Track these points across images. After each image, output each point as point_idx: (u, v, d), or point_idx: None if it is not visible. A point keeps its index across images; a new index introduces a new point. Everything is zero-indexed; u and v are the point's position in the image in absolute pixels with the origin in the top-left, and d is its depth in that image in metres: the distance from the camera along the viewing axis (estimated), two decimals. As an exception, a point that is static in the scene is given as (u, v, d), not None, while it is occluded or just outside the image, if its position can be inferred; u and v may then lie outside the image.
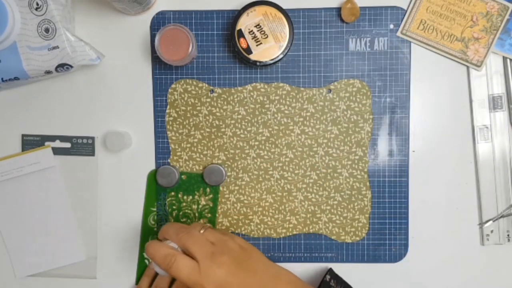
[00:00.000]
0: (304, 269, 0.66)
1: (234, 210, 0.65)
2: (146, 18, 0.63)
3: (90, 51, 0.59)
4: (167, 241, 0.54)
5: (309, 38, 0.63)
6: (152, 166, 0.65)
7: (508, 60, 0.63)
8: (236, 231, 0.65)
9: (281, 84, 0.64)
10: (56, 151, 0.65)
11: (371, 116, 0.64)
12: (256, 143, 0.64)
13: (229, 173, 0.65)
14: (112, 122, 0.65)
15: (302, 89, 0.64)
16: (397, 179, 0.64)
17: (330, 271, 0.61)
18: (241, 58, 0.60)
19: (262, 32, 0.59)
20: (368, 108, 0.64)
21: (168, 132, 0.64)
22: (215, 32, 0.63)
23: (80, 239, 0.66)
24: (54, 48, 0.58)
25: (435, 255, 0.65)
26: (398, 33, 0.63)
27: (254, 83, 0.64)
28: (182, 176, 0.65)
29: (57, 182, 0.65)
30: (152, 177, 0.65)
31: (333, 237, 0.65)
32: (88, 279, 0.66)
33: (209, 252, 0.52)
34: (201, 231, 0.54)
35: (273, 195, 0.65)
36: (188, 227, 0.54)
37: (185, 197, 0.65)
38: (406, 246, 0.65)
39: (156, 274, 0.65)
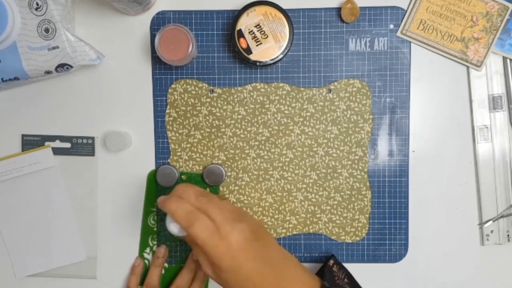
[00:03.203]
0: (304, 269, 0.66)
1: (234, 210, 0.65)
2: (146, 18, 0.63)
3: (90, 51, 0.59)
4: None
5: (309, 38, 0.63)
6: (152, 166, 0.65)
7: (508, 60, 0.63)
8: (236, 231, 0.65)
9: (281, 84, 0.64)
10: (56, 151, 0.65)
11: (371, 116, 0.64)
12: (256, 143, 0.64)
13: (229, 173, 0.65)
14: (112, 122, 0.65)
15: (302, 89, 0.64)
16: (397, 179, 0.64)
17: (333, 257, 0.60)
18: (241, 58, 0.60)
19: (262, 32, 0.59)
20: (368, 108, 0.64)
21: (168, 132, 0.64)
22: (215, 32, 0.63)
23: (80, 239, 0.66)
24: (54, 48, 0.58)
25: (435, 255, 0.65)
26: (398, 33, 0.63)
27: (254, 83, 0.64)
28: (182, 176, 0.65)
29: (57, 182, 0.65)
30: (152, 177, 0.65)
31: (333, 237, 0.65)
32: (88, 279, 0.66)
33: (230, 218, 0.50)
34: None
35: (273, 195, 0.65)
36: (207, 192, 0.53)
37: (185, 197, 0.65)
38: (406, 246, 0.65)
39: (145, 274, 0.65)
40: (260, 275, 0.51)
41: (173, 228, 0.52)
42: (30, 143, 0.65)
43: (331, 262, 0.59)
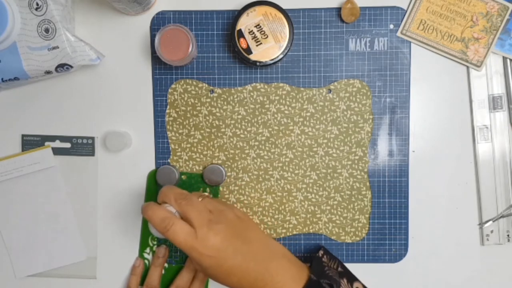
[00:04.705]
0: (304, 269, 0.66)
1: (234, 210, 0.65)
2: (146, 18, 0.63)
3: (90, 51, 0.59)
4: (165, 204, 0.54)
5: (309, 38, 0.63)
6: (152, 166, 0.65)
7: (508, 60, 0.63)
8: (236, 231, 0.65)
9: (281, 84, 0.64)
10: (56, 151, 0.65)
11: (371, 116, 0.64)
12: (256, 143, 0.64)
13: (229, 173, 0.65)
14: (112, 122, 0.65)
15: (302, 89, 0.64)
16: (397, 179, 0.64)
17: (322, 248, 0.61)
18: (241, 58, 0.60)
19: (262, 32, 0.59)
20: (368, 108, 0.64)
21: (168, 132, 0.64)
22: (215, 32, 0.63)
23: (80, 239, 0.66)
24: (54, 48, 0.58)
25: (435, 255, 0.65)
26: (398, 33, 0.63)
27: (254, 83, 0.64)
28: (182, 176, 0.65)
29: (57, 182, 0.65)
30: (152, 177, 0.65)
31: (333, 237, 0.65)
32: (88, 279, 0.66)
33: (206, 220, 0.52)
34: (200, 199, 0.55)
35: (273, 195, 0.65)
36: (188, 194, 0.55)
37: (185, 197, 0.65)
38: (406, 246, 0.65)
39: (145, 274, 0.65)
40: (242, 269, 0.53)
41: (155, 232, 0.54)
42: (30, 143, 0.65)
43: (321, 253, 0.59)
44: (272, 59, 0.60)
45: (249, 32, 0.59)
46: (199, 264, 0.53)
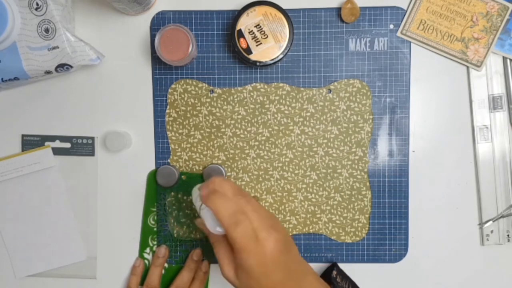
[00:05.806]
0: (304, 269, 0.65)
1: (234, 210, 0.65)
2: (146, 18, 0.63)
3: (90, 51, 0.59)
4: None
5: (309, 38, 0.63)
6: (152, 166, 0.65)
7: (508, 60, 0.63)
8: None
9: (281, 84, 0.64)
10: (56, 151, 0.65)
11: (371, 116, 0.64)
12: (256, 143, 0.64)
13: (229, 173, 0.65)
14: (112, 122, 0.65)
15: (302, 89, 0.64)
16: (397, 179, 0.64)
17: (335, 267, 0.60)
18: (241, 58, 0.60)
19: (262, 32, 0.59)
20: (368, 108, 0.64)
21: (168, 132, 0.64)
22: (215, 32, 0.63)
23: (80, 239, 0.66)
24: (54, 48, 0.58)
25: (435, 255, 0.65)
26: (398, 33, 0.63)
27: (254, 83, 0.64)
28: (182, 176, 0.65)
29: (57, 182, 0.65)
30: (152, 177, 0.65)
31: (333, 237, 0.65)
32: (88, 279, 0.66)
33: (268, 224, 0.50)
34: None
35: (273, 195, 0.65)
36: (244, 191, 0.52)
37: (185, 197, 0.65)
38: (406, 246, 0.65)
39: (145, 274, 0.65)
40: (283, 286, 0.50)
41: (210, 223, 0.51)
42: (30, 143, 0.65)
43: (334, 273, 0.59)
44: (272, 59, 0.60)
45: (249, 32, 0.59)
46: (245, 270, 0.49)
